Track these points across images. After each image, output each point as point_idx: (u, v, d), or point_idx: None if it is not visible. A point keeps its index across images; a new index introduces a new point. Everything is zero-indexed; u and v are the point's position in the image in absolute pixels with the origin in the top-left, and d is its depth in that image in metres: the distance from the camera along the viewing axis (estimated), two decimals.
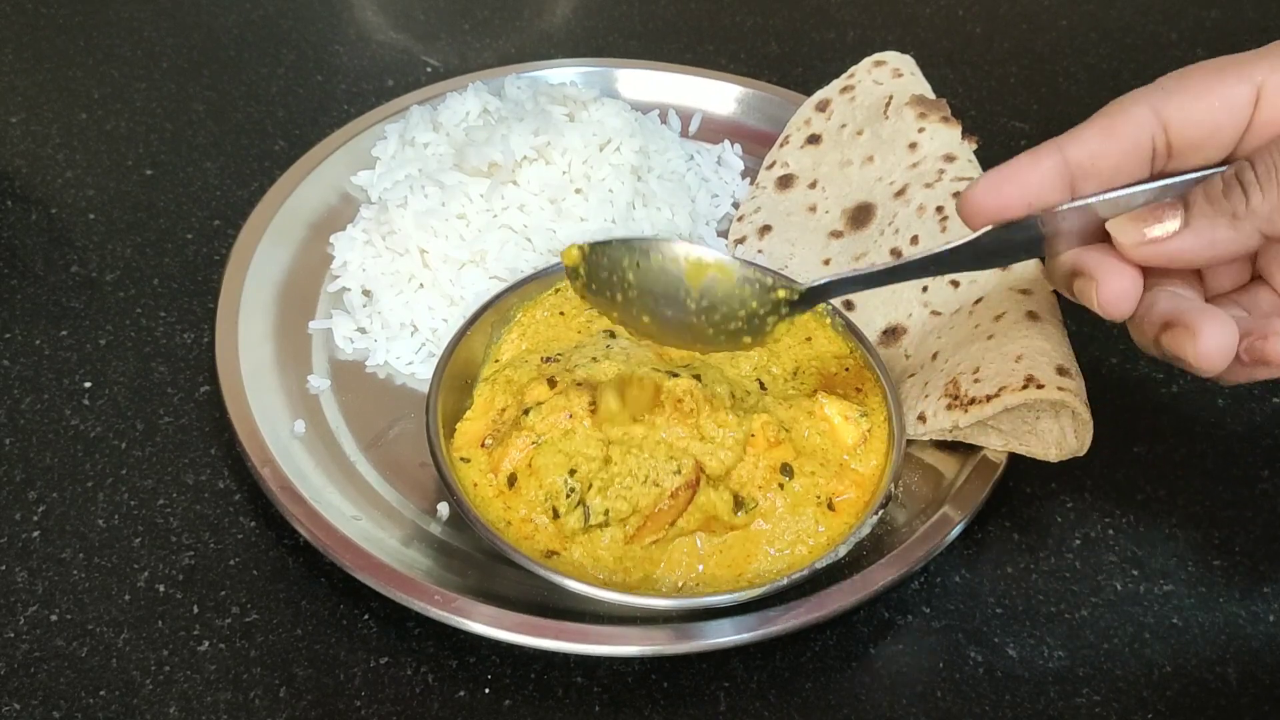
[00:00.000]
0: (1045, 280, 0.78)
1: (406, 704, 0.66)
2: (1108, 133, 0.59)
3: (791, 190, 0.96)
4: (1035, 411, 0.73)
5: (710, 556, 0.69)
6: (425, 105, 1.00)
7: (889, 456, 0.72)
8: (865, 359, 0.78)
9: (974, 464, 0.76)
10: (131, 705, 0.66)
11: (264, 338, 0.84)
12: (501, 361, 0.79)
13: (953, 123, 0.91)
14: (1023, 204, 0.60)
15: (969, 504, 0.73)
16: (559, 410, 0.71)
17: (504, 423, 0.74)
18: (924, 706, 0.68)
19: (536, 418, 0.72)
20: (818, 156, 0.97)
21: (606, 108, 0.96)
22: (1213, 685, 0.69)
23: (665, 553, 0.69)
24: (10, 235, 0.95)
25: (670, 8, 1.30)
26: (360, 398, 0.83)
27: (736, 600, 0.66)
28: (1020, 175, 0.60)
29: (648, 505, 0.68)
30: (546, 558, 0.68)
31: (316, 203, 0.95)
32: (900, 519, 0.74)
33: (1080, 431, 0.72)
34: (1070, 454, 0.73)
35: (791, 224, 0.93)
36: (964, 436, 0.75)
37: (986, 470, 0.75)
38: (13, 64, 1.14)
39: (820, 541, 0.69)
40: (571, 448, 0.70)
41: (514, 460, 0.71)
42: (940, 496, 0.75)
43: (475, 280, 0.86)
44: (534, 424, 0.71)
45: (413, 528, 0.74)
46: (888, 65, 0.98)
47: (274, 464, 0.74)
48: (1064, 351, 0.74)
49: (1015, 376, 0.71)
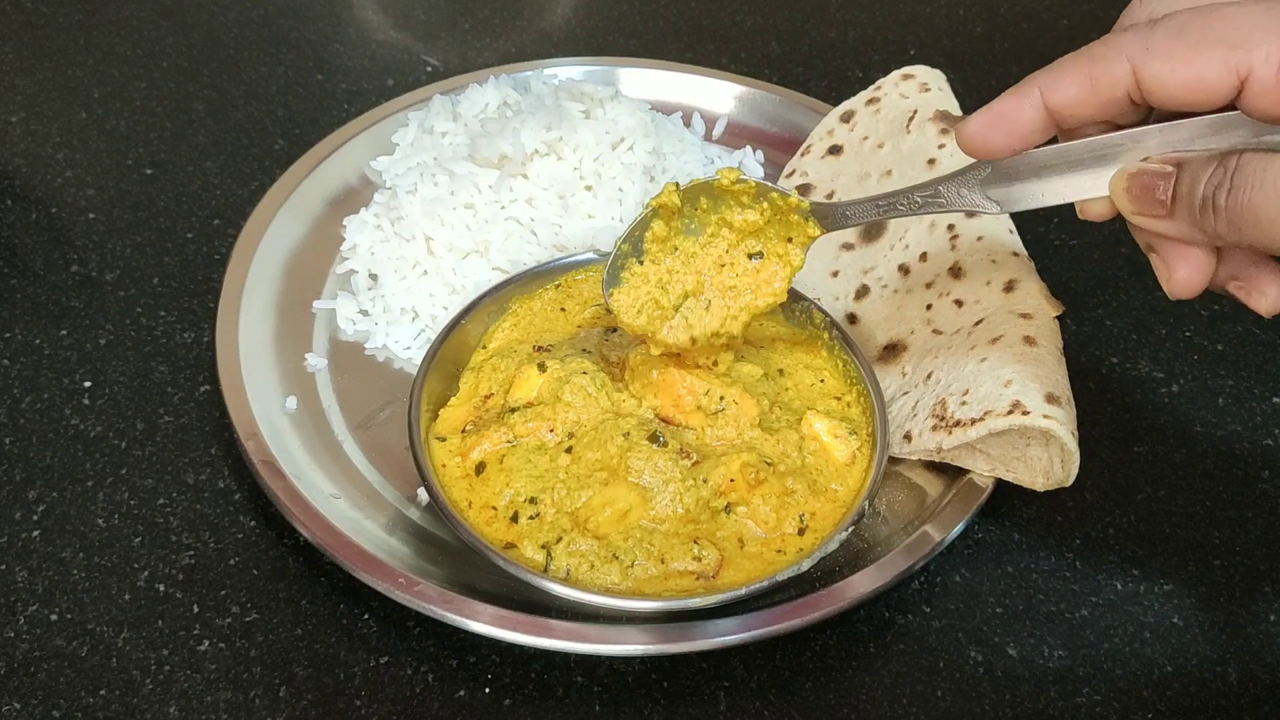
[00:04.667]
0: (1047, 306, 0.77)
1: (406, 703, 0.66)
2: (1087, 81, 0.58)
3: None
4: (1025, 438, 0.72)
5: None
6: (448, 95, 1.01)
7: (868, 475, 0.72)
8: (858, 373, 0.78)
9: (959, 487, 0.74)
10: (131, 705, 0.66)
11: (267, 312, 0.85)
12: (489, 349, 0.80)
13: None
14: (1009, 149, 0.62)
15: (951, 523, 0.72)
16: (543, 420, 0.72)
17: (487, 410, 0.74)
18: (924, 706, 0.68)
19: (520, 419, 0.72)
20: (838, 168, 0.96)
21: (622, 106, 0.96)
22: (1213, 685, 0.69)
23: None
24: (10, 234, 0.95)
25: (670, 7, 1.30)
26: (355, 379, 0.84)
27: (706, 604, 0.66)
28: (1005, 122, 0.61)
29: (613, 580, 0.67)
30: (505, 549, 0.68)
31: (337, 182, 0.97)
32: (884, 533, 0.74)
33: (1066, 462, 0.71)
34: (1057, 484, 0.72)
35: None
36: (950, 459, 0.75)
37: (971, 494, 0.74)
38: (13, 63, 1.14)
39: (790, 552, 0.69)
40: (544, 468, 0.71)
41: (484, 451, 0.72)
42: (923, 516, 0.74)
43: (477, 270, 0.87)
44: (515, 424, 0.72)
45: (392, 511, 0.75)
46: (916, 79, 0.97)
47: (258, 437, 0.74)
48: (1056, 379, 0.72)
49: (1002, 401, 0.70)
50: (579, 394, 0.73)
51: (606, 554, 0.67)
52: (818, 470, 0.73)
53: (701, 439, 0.73)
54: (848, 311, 0.86)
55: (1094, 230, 1.00)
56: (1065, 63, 0.59)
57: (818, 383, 0.79)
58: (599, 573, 0.67)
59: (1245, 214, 0.54)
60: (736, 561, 0.68)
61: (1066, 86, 0.59)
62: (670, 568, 0.67)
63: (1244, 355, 0.90)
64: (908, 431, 0.75)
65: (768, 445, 0.73)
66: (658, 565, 0.67)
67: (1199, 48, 0.54)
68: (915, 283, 0.84)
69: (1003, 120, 0.61)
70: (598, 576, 0.66)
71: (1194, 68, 0.54)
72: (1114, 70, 0.57)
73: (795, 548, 0.69)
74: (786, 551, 0.69)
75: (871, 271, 0.87)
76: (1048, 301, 0.78)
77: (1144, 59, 0.56)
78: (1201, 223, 0.56)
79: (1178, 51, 0.55)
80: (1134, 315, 0.93)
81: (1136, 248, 0.62)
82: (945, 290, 0.82)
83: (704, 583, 0.67)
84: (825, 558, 0.68)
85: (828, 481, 0.72)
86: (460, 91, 1.01)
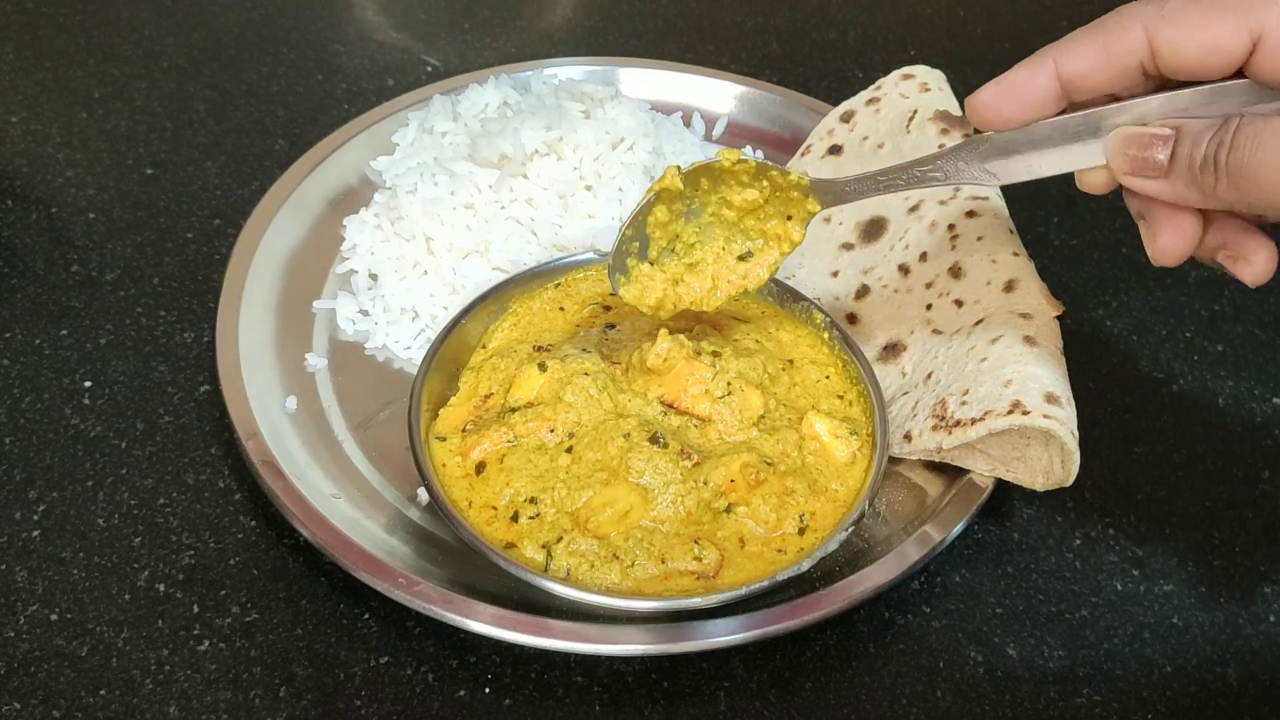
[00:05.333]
0: (1047, 306, 0.78)
1: (407, 703, 0.66)
2: (1101, 51, 0.59)
3: None
4: (1025, 438, 0.72)
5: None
6: (447, 95, 1.01)
7: (868, 475, 0.72)
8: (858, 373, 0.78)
9: (959, 487, 0.74)
10: (131, 704, 0.66)
11: (267, 312, 0.85)
12: (489, 349, 0.80)
13: None
14: (1020, 119, 0.62)
15: (951, 523, 0.72)
16: (544, 420, 0.72)
17: (487, 410, 0.75)
18: (924, 706, 0.68)
19: (520, 419, 0.72)
20: (837, 167, 0.96)
21: (622, 106, 0.96)
22: (1213, 685, 0.69)
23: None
24: (10, 235, 0.95)
25: (671, 7, 1.30)
26: (355, 379, 0.84)
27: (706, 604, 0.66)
28: (1018, 91, 0.62)
29: (613, 580, 0.68)
30: (505, 549, 0.68)
31: (337, 182, 0.97)
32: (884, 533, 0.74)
33: (1066, 462, 0.71)
34: (1057, 484, 0.72)
35: None
36: (950, 459, 0.75)
37: (971, 494, 0.74)
38: (13, 63, 1.14)
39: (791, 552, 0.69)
40: (544, 468, 0.71)
41: (485, 451, 0.72)
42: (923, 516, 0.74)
43: (477, 270, 0.87)
44: (515, 424, 0.72)
45: (392, 511, 0.75)
46: (915, 79, 0.97)
47: (258, 437, 0.74)
48: (1056, 379, 0.72)
49: (1002, 402, 0.70)
50: (580, 395, 0.73)
51: (607, 554, 0.67)
52: (818, 470, 0.73)
53: (704, 433, 0.73)
54: (848, 311, 0.86)
55: (1094, 230, 1.01)
56: (1080, 34, 0.61)
57: (823, 379, 0.79)
58: (599, 572, 0.67)
59: (1245, 171, 0.55)
60: (737, 561, 0.68)
61: (1080, 56, 0.60)
62: (670, 567, 0.67)
63: (1244, 355, 0.90)
64: (908, 431, 0.75)
65: (768, 445, 0.73)
66: (658, 565, 0.67)
67: (1212, 12, 0.56)
68: (915, 283, 0.84)
69: (1015, 90, 0.62)
70: (598, 576, 0.66)
71: (1209, 32, 0.56)
72: (1129, 38, 0.58)
73: (796, 547, 0.69)
74: (787, 551, 0.69)
75: (871, 271, 0.87)
76: (1048, 301, 0.78)
77: (1159, 26, 0.57)
78: (1201, 181, 0.57)
79: (1193, 16, 0.56)
80: (1134, 315, 0.93)
81: (1137, 248, 0.62)
82: (945, 290, 0.82)
83: (704, 583, 0.67)
84: (825, 558, 0.68)
85: (828, 481, 0.72)
86: (460, 91, 1.01)
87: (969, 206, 0.85)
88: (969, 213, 0.85)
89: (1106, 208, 1.02)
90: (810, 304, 0.82)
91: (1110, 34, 0.59)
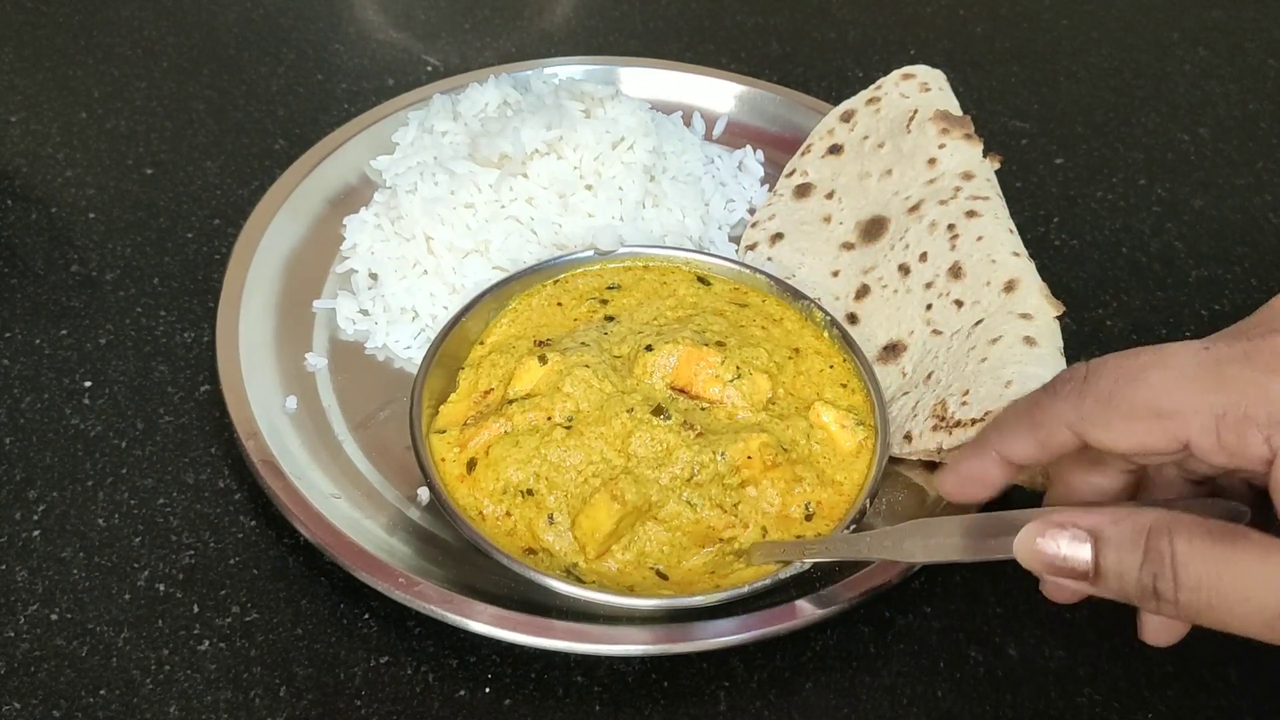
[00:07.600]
0: (1047, 306, 0.77)
1: (407, 703, 0.66)
2: (1036, 444, 0.58)
3: (808, 199, 0.95)
4: None
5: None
6: (448, 95, 1.01)
7: (869, 472, 0.72)
8: (858, 370, 0.78)
9: None
10: (131, 704, 0.66)
11: (267, 312, 0.85)
12: (487, 345, 0.80)
13: (975, 140, 0.90)
14: (991, 495, 0.64)
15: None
16: (542, 410, 0.72)
17: (487, 405, 0.75)
18: (924, 706, 0.68)
19: (518, 409, 0.72)
20: (838, 167, 0.96)
21: (623, 105, 0.96)
22: (1213, 685, 0.69)
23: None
24: (10, 235, 0.95)
25: (671, 7, 1.30)
26: (356, 379, 0.84)
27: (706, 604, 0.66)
28: (975, 478, 0.63)
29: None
30: (526, 554, 0.68)
31: (337, 182, 0.97)
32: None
33: None
34: None
35: (804, 233, 0.93)
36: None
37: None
38: (13, 63, 1.14)
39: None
40: (533, 449, 0.70)
41: (480, 442, 0.72)
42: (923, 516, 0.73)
43: (477, 269, 0.87)
44: (513, 414, 0.72)
45: (392, 511, 0.75)
46: (916, 79, 0.97)
47: (258, 437, 0.74)
48: None
49: (1002, 402, 0.70)
50: (580, 385, 0.73)
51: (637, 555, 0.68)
52: (825, 460, 0.73)
53: (712, 414, 0.73)
54: (848, 311, 0.86)
55: (1094, 230, 1.01)
56: (1012, 423, 0.60)
57: (827, 368, 0.79)
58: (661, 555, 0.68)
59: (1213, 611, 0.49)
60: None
61: (1020, 447, 0.60)
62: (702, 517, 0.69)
63: None
64: (908, 432, 0.75)
65: (779, 430, 0.73)
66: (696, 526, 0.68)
67: (1131, 420, 0.53)
68: (915, 283, 0.84)
69: (971, 478, 0.63)
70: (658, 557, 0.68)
71: (1134, 437, 0.53)
72: (1057, 436, 0.57)
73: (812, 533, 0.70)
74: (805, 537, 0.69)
75: (871, 271, 0.87)
76: (1048, 301, 0.78)
77: (1082, 427, 0.55)
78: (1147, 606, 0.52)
79: (1113, 422, 0.54)
80: (1134, 315, 0.93)
81: (1137, 248, 0.62)
82: (945, 290, 0.82)
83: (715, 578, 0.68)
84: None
85: (834, 473, 0.73)
86: (460, 91, 1.01)
87: (969, 207, 0.85)
88: (969, 213, 0.85)
89: (1107, 208, 1.02)
90: (810, 304, 0.82)
91: (1039, 430, 0.58)
